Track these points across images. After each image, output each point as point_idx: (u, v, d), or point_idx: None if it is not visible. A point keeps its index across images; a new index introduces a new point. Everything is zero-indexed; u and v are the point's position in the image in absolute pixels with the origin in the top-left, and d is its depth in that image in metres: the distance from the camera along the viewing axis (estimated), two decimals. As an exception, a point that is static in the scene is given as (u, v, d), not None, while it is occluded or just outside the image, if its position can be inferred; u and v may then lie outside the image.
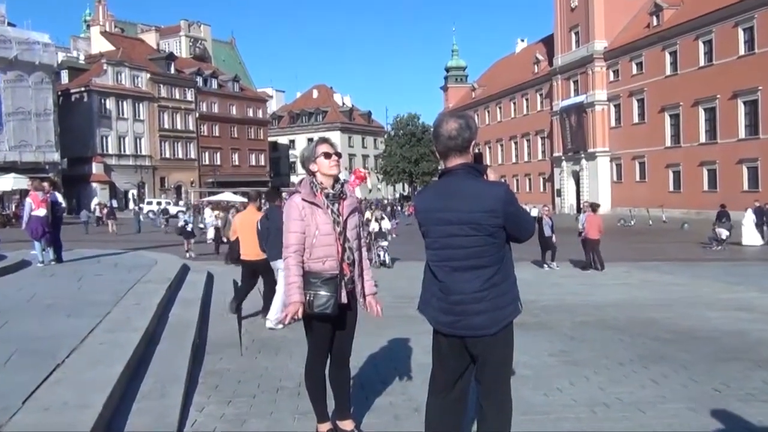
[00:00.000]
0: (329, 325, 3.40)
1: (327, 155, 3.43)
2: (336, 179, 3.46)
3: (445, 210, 2.71)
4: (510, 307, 2.71)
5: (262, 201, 9.33)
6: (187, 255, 17.03)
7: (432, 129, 2.82)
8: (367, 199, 66.61)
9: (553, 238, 14.81)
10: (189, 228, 18.37)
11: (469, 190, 2.66)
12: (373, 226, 15.55)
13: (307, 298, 3.26)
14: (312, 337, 3.43)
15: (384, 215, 16.78)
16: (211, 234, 18.90)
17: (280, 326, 6.72)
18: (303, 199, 3.36)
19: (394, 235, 15.82)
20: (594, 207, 15.13)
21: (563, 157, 52.30)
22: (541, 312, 8.20)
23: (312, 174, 3.46)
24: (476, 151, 2.82)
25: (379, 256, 15.06)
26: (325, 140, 3.51)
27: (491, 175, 2.77)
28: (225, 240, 16.59)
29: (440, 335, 2.79)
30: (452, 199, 2.69)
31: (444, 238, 2.71)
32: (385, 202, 62.28)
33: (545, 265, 14.54)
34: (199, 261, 15.32)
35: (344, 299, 3.35)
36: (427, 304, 2.81)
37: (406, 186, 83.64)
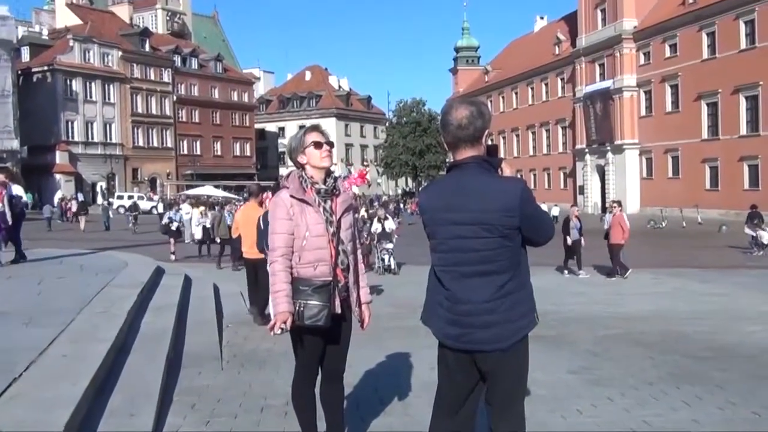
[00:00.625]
0: (321, 339, 3.38)
1: (317, 145, 3.39)
2: (328, 173, 3.46)
3: (454, 209, 2.70)
4: (525, 318, 2.70)
5: (269, 196, 9.52)
6: (172, 257, 17.03)
7: (439, 117, 2.81)
8: (365, 194, 66.94)
9: (582, 242, 14.94)
10: (174, 226, 18.42)
11: (481, 187, 2.65)
12: (376, 227, 15.55)
13: (297, 308, 3.25)
14: (301, 352, 3.42)
15: (388, 214, 16.75)
16: (198, 234, 18.80)
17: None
18: (291, 196, 3.32)
19: (396, 236, 15.77)
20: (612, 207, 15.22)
21: (587, 150, 52.35)
22: (560, 324, 8.20)
23: (301, 167, 3.45)
24: (490, 142, 2.82)
25: (383, 260, 15.00)
26: (315, 128, 3.49)
27: (506, 170, 2.76)
28: (217, 240, 16.59)
29: (446, 349, 2.78)
30: (462, 197, 2.68)
31: (452, 240, 2.70)
32: (385, 198, 62.44)
33: (566, 272, 14.58)
34: (181, 264, 15.36)
35: (338, 309, 3.34)
36: (432, 315, 2.80)
37: (410, 180, 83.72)
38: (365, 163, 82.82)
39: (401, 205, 51.57)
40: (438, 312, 2.77)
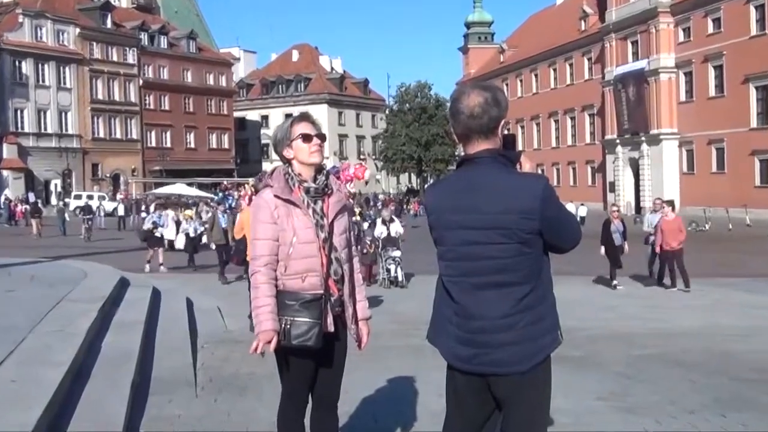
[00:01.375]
0: (311, 361, 3.38)
1: (306, 138, 3.40)
2: (319, 169, 3.46)
3: (464, 210, 2.70)
4: (547, 337, 2.70)
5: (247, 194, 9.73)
6: (147, 268, 16.81)
7: (448, 103, 2.82)
8: (361, 193, 67.01)
9: (625, 248, 14.74)
10: (158, 233, 18.19)
11: (496, 185, 2.65)
12: (380, 231, 15.43)
13: (283, 325, 3.26)
14: (288, 377, 3.41)
15: (394, 216, 16.62)
16: (181, 242, 18.65)
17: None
18: (276, 196, 3.33)
19: (402, 241, 15.68)
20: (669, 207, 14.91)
21: (618, 141, 52.45)
22: (588, 342, 8.21)
23: (287, 162, 3.46)
24: (507, 132, 2.83)
25: (388, 271, 14.82)
26: (304, 117, 3.49)
27: (525, 165, 2.77)
28: (212, 246, 16.43)
29: (456, 372, 2.78)
30: (473, 197, 2.67)
31: (462, 247, 2.70)
32: (382, 197, 62.46)
33: (615, 282, 14.44)
34: (170, 277, 15.24)
35: (330, 327, 3.35)
36: (440, 332, 2.80)
37: (413, 176, 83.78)
38: (362, 157, 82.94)
39: (404, 206, 51.56)
40: (447, 329, 2.77)
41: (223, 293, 13.29)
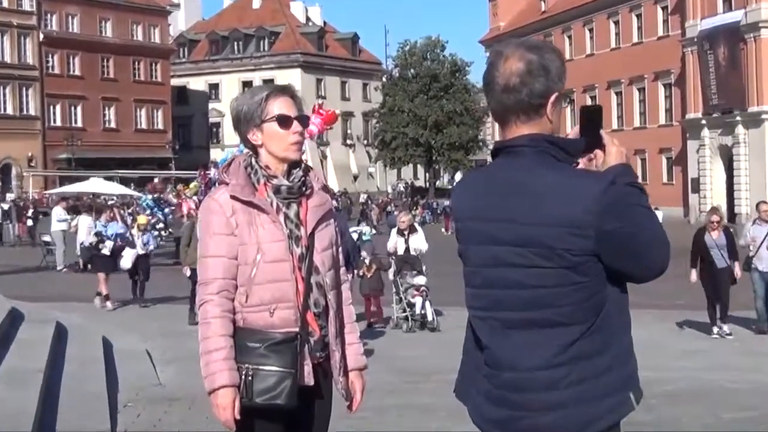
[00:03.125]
0: (282, 426, 3.39)
1: (284, 121, 3.42)
2: (295, 162, 3.47)
3: (494, 218, 2.68)
4: (609, 399, 2.68)
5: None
6: (97, 303, 16.09)
7: (468, 68, 2.81)
8: (347, 193, 67.06)
9: (736, 272, 13.56)
10: (107, 249, 16.85)
11: (536, 185, 2.63)
12: (394, 245, 14.71)
13: (243, 377, 3.26)
14: (250, 446, 3.41)
15: (416, 224, 15.92)
16: (128, 261, 17.48)
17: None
18: (233, 197, 3.36)
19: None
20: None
21: (704, 122, 52.51)
22: (663, 402, 8.20)
23: (253, 150, 3.46)
24: (587, 106, 2.85)
25: (410, 306, 14.19)
26: (285, 90, 3.50)
27: (612, 155, 2.74)
28: (187, 273, 14.42)
29: (487, 440, 2.79)
30: (506, 200, 2.66)
31: (490, 269, 2.71)
32: (381, 200, 62.53)
33: (715, 329, 13.42)
34: (114, 317, 15.14)
35: (309, 379, 3.36)
36: (469, 385, 2.81)
37: (420, 169, 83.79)
38: (349, 142, 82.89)
39: (413, 210, 51.36)
40: (476, 382, 2.78)
41: (154, 330, 13.27)
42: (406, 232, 14.65)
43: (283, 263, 3.34)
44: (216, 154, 68.83)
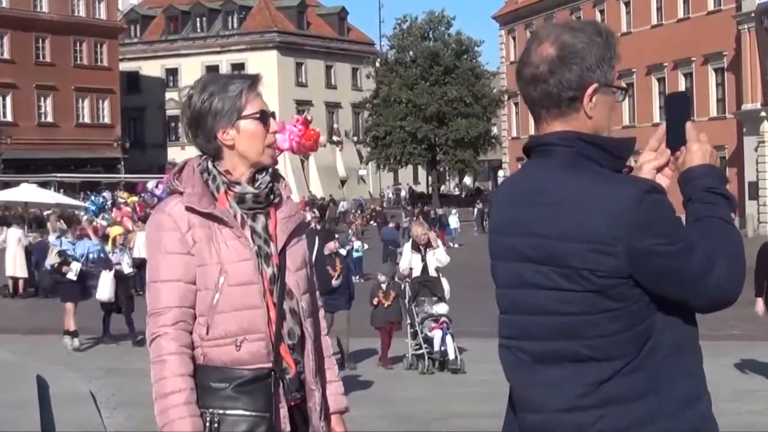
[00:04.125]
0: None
1: (263, 117, 3.46)
2: (263, 167, 3.48)
3: (520, 230, 2.74)
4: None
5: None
6: (67, 343, 15.63)
7: (478, 48, 2.84)
8: (334, 201, 66.91)
9: None
10: (73, 273, 16.29)
11: (561, 193, 2.67)
12: (408, 263, 14.48)
13: (208, 424, 3.28)
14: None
15: (436, 239, 15.46)
16: (105, 290, 16.74)
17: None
18: (189, 209, 3.36)
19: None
20: None
21: (764, 113, 52.62)
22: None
23: (215, 152, 3.46)
24: (674, 93, 2.91)
25: (427, 342, 13.88)
26: (258, 81, 3.53)
27: (693, 152, 2.77)
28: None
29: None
30: (532, 210, 2.71)
31: (515, 291, 2.76)
32: (376, 209, 62.53)
33: None
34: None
35: (285, 425, 3.36)
36: (507, 428, 2.86)
37: (421, 171, 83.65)
38: (335, 138, 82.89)
39: (403, 222, 51.18)
40: (510, 424, 2.83)
41: (100, 367, 13.25)
42: (423, 247, 14.45)
43: (251, 286, 3.34)
44: (174, 153, 68.88)
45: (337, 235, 20.27)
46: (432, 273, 14.29)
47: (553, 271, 2.64)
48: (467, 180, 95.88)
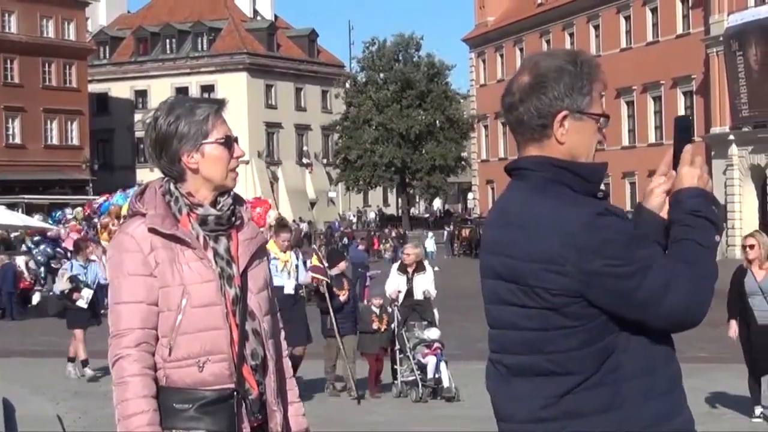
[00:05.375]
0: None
1: (227, 142, 3.46)
2: (225, 190, 3.52)
3: (495, 250, 2.85)
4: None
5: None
6: (71, 371, 15.37)
7: (450, 71, 2.92)
8: (300, 224, 66.76)
9: None
10: (84, 301, 15.59)
11: (525, 216, 2.78)
12: (395, 286, 13.89)
13: (170, 446, 3.28)
14: None
15: (424, 261, 14.83)
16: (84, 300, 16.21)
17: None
18: (152, 230, 3.36)
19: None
20: None
21: (732, 137, 52.78)
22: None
23: (178, 174, 3.46)
24: (680, 116, 2.97)
25: (420, 369, 13.30)
26: (224, 105, 3.54)
27: (682, 176, 2.83)
28: None
29: None
30: (503, 230, 2.84)
31: (494, 307, 2.87)
32: (344, 229, 62.44)
33: (757, 411, 11.72)
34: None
35: (247, 446, 3.38)
36: None
37: (391, 194, 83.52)
38: (305, 161, 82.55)
39: (378, 244, 51.18)
40: None
41: (67, 390, 13.17)
42: (410, 270, 14.01)
43: (213, 308, 3.35)
44: (143, 175, 68.33)
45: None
46: (418, 296, 13.87)
47: (518, 288, 2.73)
48: (437, 202, 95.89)
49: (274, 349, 3.50)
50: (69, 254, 22.26)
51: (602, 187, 2.85)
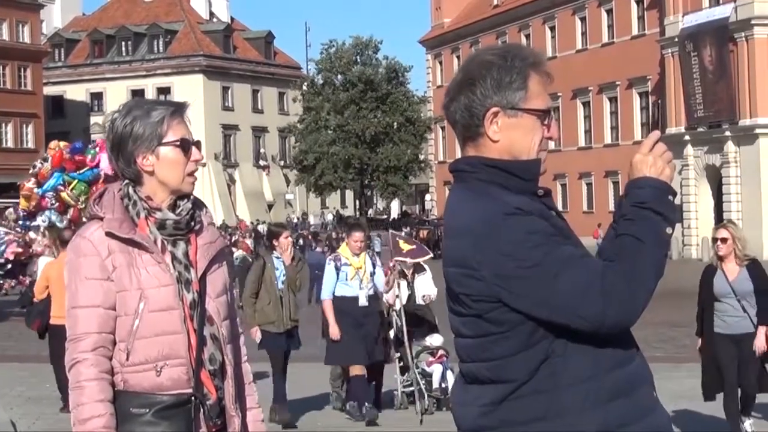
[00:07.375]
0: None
1: (187, 146, 3.44)
2: (184, 194, 3.49)
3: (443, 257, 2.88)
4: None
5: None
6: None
7: (408, 73, 2.88)
8: (257, 225, 66.71)
9: (761, 339, 9.52)
10: None
11: (451, 219, 2.84)
12: (396, 293, 12.32)
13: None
14: None
15: (423, 263, 13.28)
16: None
17: None
18: (109, 234, 3.34)
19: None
20: None
21: (687, 137, 53.28)
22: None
23: (134, 177, 3.44)
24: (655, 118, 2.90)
25: (424, 379, 12.30)
26: (183, 108, 3.52)
27: (633, 164, 2.78)
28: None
29: None
30: (444, 236, 2.95)
31: (449, 314, 2.89)
32: (303, 233, 62.40)
33: (748, 423, 10.08)
34: None
35: (206, 451, 3.37)
36: None
37: (349, 195, 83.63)
38: (262, 163, 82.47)
39: (324, 247, 50.84)
40: None
41: (20, 395, 13.10)
42: (410, 273, 13.04)
43: (171, 312, 3.34)
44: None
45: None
46: (420, 300, 12.98)
47: (452, 296, 2.77)
48: (394, 204, 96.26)
49: (232, 354, 3.50)
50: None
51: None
